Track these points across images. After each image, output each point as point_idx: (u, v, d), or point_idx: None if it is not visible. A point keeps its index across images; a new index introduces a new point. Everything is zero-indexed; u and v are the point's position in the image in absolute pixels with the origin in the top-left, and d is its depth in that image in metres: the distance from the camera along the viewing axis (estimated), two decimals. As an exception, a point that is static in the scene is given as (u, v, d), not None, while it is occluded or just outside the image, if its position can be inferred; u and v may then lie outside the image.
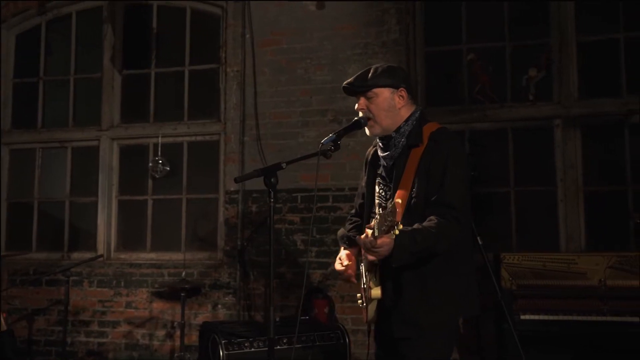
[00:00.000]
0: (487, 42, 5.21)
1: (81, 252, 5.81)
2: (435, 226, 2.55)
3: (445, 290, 2.67)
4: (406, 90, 2.80)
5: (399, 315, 2.70)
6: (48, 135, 6.06)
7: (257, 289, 5.27)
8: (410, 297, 2.66)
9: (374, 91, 2.78)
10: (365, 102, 2.81)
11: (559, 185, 4.91)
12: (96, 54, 5.96)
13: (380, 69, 2.81)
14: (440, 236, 2.55)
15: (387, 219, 2.35)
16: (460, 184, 2.67)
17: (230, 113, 5.49)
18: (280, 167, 2.61)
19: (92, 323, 5.58)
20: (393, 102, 2.79)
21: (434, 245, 2.56)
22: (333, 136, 2.73)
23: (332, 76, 5.29)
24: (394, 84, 2.79)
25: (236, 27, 5.54)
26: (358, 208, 3.15)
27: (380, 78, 2.77)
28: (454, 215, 2.59)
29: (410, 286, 2.67)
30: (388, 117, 2.79)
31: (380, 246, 2.46)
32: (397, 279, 2.69)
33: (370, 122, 2.81)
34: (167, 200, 5.76)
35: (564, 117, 4.93)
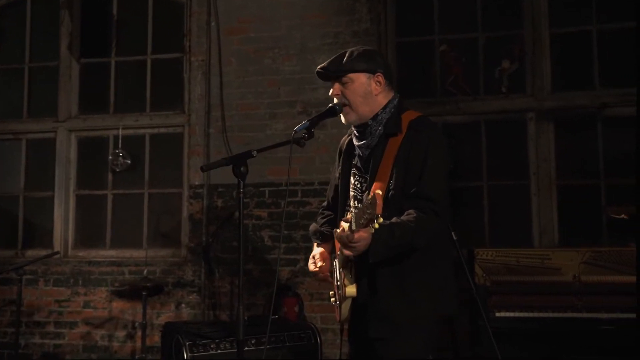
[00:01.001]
0: (459, 33, 5.11)
1: (36, 250, 5.52)
2: (414, 220, 2.42)
3: (423, 286, 2.53)
4: (383, 76, 2.64)
5: (375, 313, 2.54)
6: (1, 127, 5.74)
7: (222, 287, 5.06)
8: (387, 294, 2.51)
9: (349, 76, 2.61)
10: (340, 88, 2.64)
11: (532, 179, 4.84)
12: (53, 41, 5.67)
13: (356, 52, 2.65)
14: (419, 230, 2.42)
15: (367, 212, 2.20)
16: (440, 176, 2.54)
17: (195, 104, 5.27)
18: (251, 155, 2.42)
19: (47, 324, 5.30)
20: (369, 88, 2.63)
21: (412, 239, 2.43)
22: (306, 123, 2.56)
23: (301, 66, 5.12)
24: (370, 68, 2.63)
25: (201, 14, 5.33)
26: (331, 201, 2.98)
27: (356, 62, 2.61)
28: (433, 209, 2.46)
29: (386, 282, 2.52)
30: (364, 103, 2.63)
31: (358, 241, 2.31)
32: (373, 275, 2.54)
33: (346, 108, 2.64)
34: (128, 195, 5.51)
35: (537, 110, 4.85)
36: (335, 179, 2.90)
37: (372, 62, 2.64)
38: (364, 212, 2.21)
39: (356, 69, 2.60)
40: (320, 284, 4.89)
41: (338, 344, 4.80)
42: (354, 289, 2.53)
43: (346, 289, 2.53)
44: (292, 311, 4.46)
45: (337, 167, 2.90)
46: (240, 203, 2.42)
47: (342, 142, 2.90)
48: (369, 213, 2.18)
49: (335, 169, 2.93)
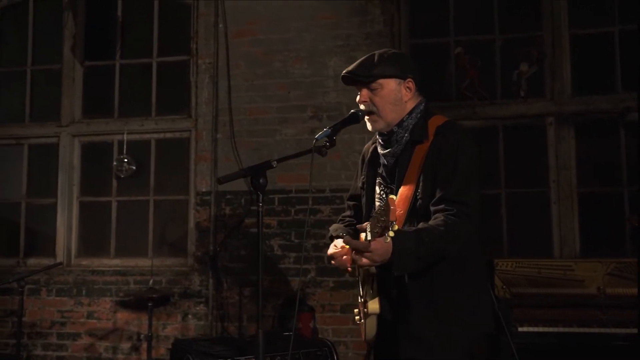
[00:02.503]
0: (475, 35, 4.94)
1: (38, 258, 5.36)
2: (443, 224, 2.22)
3: (456, 302, 2.35)
4: (414, 81, 2.47)
5: (404, 332, 2.37)
6: (2, 132, 5.58)
7: (230, 297, 4.89)
8: (416, 311, 2.34)
9: (379, 82, 2.44)
10: (368, 94, 2.47)
11: (551, 187, 4.66)
12: (56, 43, 5.51)
13: (386, 56, 2.48)
14: (450, 235, 2.22)
15: (380, 219, 2.01)
16: (470, 179, 2.36)
17: (202, 108, 5.11)
18: (271, 166, 2.26)
19: (50, 335, 5.14)
20: (399, 94, 2.46)
21: (444, 246, 2.23)
22: (328, 131, 2.40)
23: (311, 69, 4.96)
24: (401, 73, 2.46)
25: (208, 16, 5.16)
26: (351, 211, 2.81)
27: (386, 67, 2.43)
28: (465, 212, 2.26)
29: (415, 298, 2.34)
30: (393, 111, 2.46)
31: (373, 251, 2.12)
32: (398, 289, 2.36)
33: (373, 116, 2.47)
34: (133, 201, 5.35)
35: (557, 115, 4.68)
36: (358, 188, 2.73)
37: (402, 66, 2.47)
38: (378, 219, 2.04)
39: (387, 75, 2.43)
40: (331, 295, 4.75)
41: (351, 357, 4.65)
42: (377, 305, 2.36)
43: (369, 305, 2.36)
44: (307, 327, 4.29)
45: (359, 177, 2.73)
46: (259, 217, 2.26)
47: (365, 150, 2.73)
48: (383, 220, 2.00)
49: (357, 178, 2.76)
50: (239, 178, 2.30)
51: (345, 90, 4.87)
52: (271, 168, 2.28)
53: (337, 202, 4.81)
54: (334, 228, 2.77)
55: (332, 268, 4.71)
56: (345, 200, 4.72)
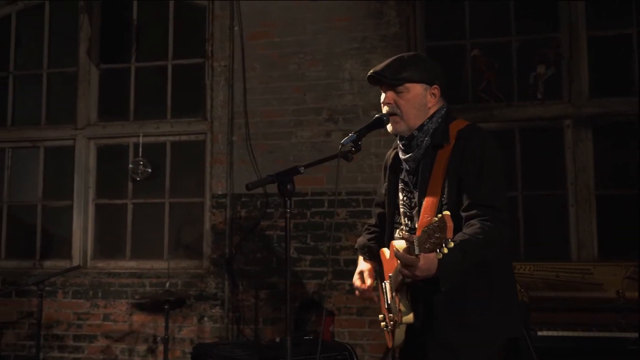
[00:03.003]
0: (492, 37, 4.92)
1: (54, 261, 5.40)
2: (480, 232, 2.20)
3: (485, 308, 2.33)
4: (439, 88, 2.46)
5: (432, 338, 2.35)
6: (19, 134, 5.61)
7: (246, 300, 4.89)
8: (445, 318, 2.32)
9: (405, 86, 2.42)
10: (393, 97, 2.45)
11: (569, 189, 4.63)
12: (71, 46, 5.54)
13: (415, 59, 2.47)
14: (489, 243, 2.20)
15: (434, 235, 1.98)
16: (499, 183, 2.34)
17: (218, 111, 5.11)
18: (298, 172, 2.25)
19: (66, 337, 5.16)
20: (424, 100, 2.45)
21: (484, 254, 2.21)
22: (353, 136, 2.38)
23: (327, 72, 4.95)
24: (428, 79, 2.44)
25: (224, 18, 5.17)
26: (377, 219, 2.80)
27: (414, 71, 2.42)
28: (498, 217, 2.24)
29: (443, 304, 2.32)
30: (417, 116, 2.44)
31: (420, 267, 2.10)
32: (430, 298, 2.34)
33: (396, 118, 2.45)
34: (149, 204, 5.36)
35: (574, 117, 4.65)
36: (382, 195, 2.72)
37: (430, 72, 2.45)
38: (431, 235, 2.00)
39: (414, 79, 2.42)
40: (347, 298, 4.74)
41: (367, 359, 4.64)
42: (411, 315, 2.35)
43: (402, 317, 2.34)
44: (328, 331, 4.27)
45: (382, 183, 2.71)
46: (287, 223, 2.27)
47: (387, 156, 2.72)
48: (437, 237, 1.97)
49: (381, 184, 2.75)
50: (267, 184, 2.30)
51: (361, 93, 4.88)
52: (298, 174, 2.27)
53: (353, 204, 4.80)
54: (360, 244, 2.78)
55: (349, 271, 4.75)
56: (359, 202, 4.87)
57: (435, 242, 1.98)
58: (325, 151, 4.87)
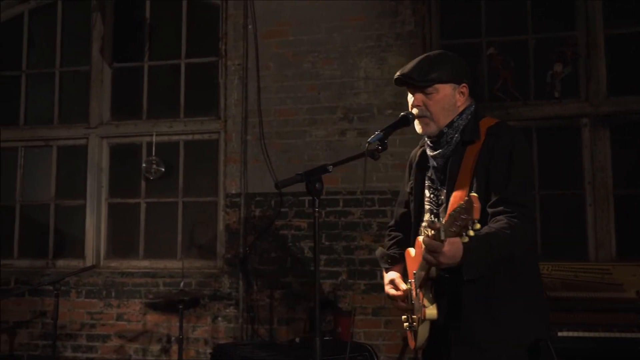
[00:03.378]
0: (508, 36, 4.88)
1: (67, 260, 5.38)
2: (507, 227, 2.17)
3: (512, 305, 2.29)
4: (467, 86, 2.44)
5: (457, 336, 2.32)
6: (31, 133, 5.60)
7: (261, 300, 4.87)
8: (471, 315, 2.29)
9: (434, 87, 2.39)
10: (422, 98, 2.42)
11: (587, 189, 4.59)
12: (84, 45, 5.52)
13: (442, 59, 2.44)
14: (516, 238, 2.17)
15: (460, 217, 1.93)
16: (527, 181, 2.33)
17: (231, 110, 5.09)
18: (326, 170, 2.22)
19: (79, 337, 5.14)
20: (454, 99, 2.42)
21: (511, 250, 2.18)
22: (380, 134, 2.34)
23: (341, 70, 4.93)
24: (456, 78, 2.42)
25: (237, 17, 5.14)
26: (399, 218, 2.77)
27: (442, 71, 2.39)
28: (526, 214, 2.22)
29: (469, 302, 2.29)
30: (446, 116, 2.42)
31: (445, 252, 2.06)
32: (455, 293, 2.31)
33: (425, 119, 2.43)
34: (162, 203, 5.34)
35: (592, 116, 4.61)
36: (406, 194, 2.69)
37: (458, 71, 2.43)
38: (457, 217, 1.95)
39: (443, 80, 2.39)
40: (363, 298, 4.71)
41: None
42: (435, 310, 2.31)
43: (426, 311, 2.31)
44: (347, 331, 4.24)
45: (407, 182, 2.69)
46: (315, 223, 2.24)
47: (412, 154, 2.69)
48: (463, 219, 1.92)
49: (405, 183, 2.72)
50: (295, 183, 2.26)
51: (376, 92, 4.86)
52: (327, 172, 2.24)
53: (368, 204, 4.77)
54: (379, 254, 2.76)
55: (364, 270, 4.74)
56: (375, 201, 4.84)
57: (461, 225, 1.94)
58: (340, 150, 4.85)
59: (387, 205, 4.74)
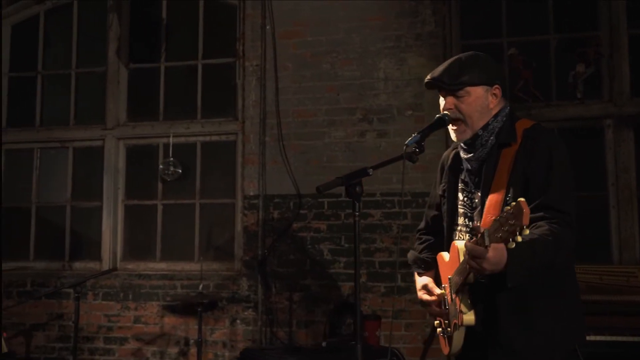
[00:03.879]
0: (529, 36, 4.83)
1: (84, 262, 5.36)
2: (549, 233, 2.12)
3: (550, 312, 2.25)
4: (500, 88, 2.39)
5: (494, 343, 2.27)
6: (47, 135, 5.57)
7: (280, 302, 4.83)
8: (508, 321, 2.24)
9: (466, 90, 2.34)
10: (454, 102, 2.37)
11: (610, 190, 4.54)
12: (100, 46, 5.50)
13: (473, 61, 2.39)
14: (558, 246, 2.13)
15: (508, 222, 1.88)
16: (568, 186, 2.27)
17: (249, 111, 5.05)
18: (367, 174, 2.18)
19: (97, 339, 5.11)
20: (487, 101, 2.37)
21: (553, 258, 2.14)
22: (417, 136, 2.29)
23: (360, 71, 4.89)
24: (488, 80, 2.36)
25: (255, 17, 5.11)
26: (430, 221, 2.72)
27: (474, 74, 2.34)
28: (567, 221, 2.18)
29: (507, 307, 2.24)
30: (480, 118, 2.37)
31: (490, 258, 2.02)
32: (492, 299, 2.26)
33: (460, 125, 2.37)
34: (179, 205, 5.31)
35: (615, 117, 4.56)
36: (437, 196, 2.65)
37: (489, 73, 2.38)
38: (504, 222, 1.90)
39: (475, 82, 2.34)
40: (383, 301, 4.67)
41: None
42: (473, 316, 2.26)
43: (464, 317, 2.26)
44: (374, 336, 4.20)
45: (438, 184, 2.64)
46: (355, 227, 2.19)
47: (444, 156, 2.65)
48: (512, 224, 1.87)
49: (436, 186, 2.67)
50: (336, 186, 2.22)
51: (395, 92, 4.81)
52: (367, 175, 2.20)
53: (387, 205, 4.73)
54: (412, 258, 2.71)
55: (383, 273, 4.70)
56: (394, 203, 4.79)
57: (508, 230, 1.89)
58: (360, 152, 4.81)
59: (407, 207, 4.70)
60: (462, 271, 2.26)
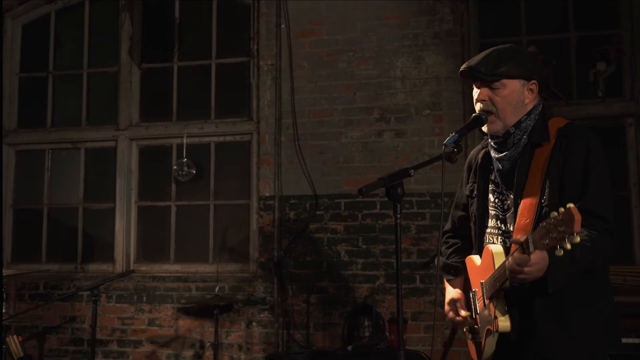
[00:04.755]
0: (549, 34, 4.77)
1: (97, 264, 5.30)
2: (588, 239, 2.07)
3: (587, 319, 2.20)
4: (537, 83, 2.33)
5: (530, 350, 2.21)
6: (59, 135, 5.51)
7: (296, 305, 4.77)
8: (545, 328, 2.19)
9: (502, 82, 2.28)
10: (488, 93, 2.31)
11: (632, 190, 4.48)
12: (112, 46, 5.43)
13: (512, 53, 2.33)
14: (597, 251, 2.09)
15: (558, 229, 1.82)
16: (606, 189, 2.22)
17: (264, 111, 4.99)
18: (408, 174, 2.11)
19: (110, 342, 5.05)
20: (522, 96, 2.31)
21: (592, 263, 2.10)
22: (455, 136, 2.23)
23: (377, 70, 4.82)
24: (526, 74, 2.30)
25: (270, 16, 5.04)
26: (457, 223, 2.65)
27: (512, 66, 2.28)
28: (606, 227, 2.13)
29: (544, 314, 2.19)
30: (513, 113, 2.31)
31: (532, 266, 1.99)
32: (525, 304, 2.21)
33: (492, 117, 2.31)
34: (193, 206, 5.24)
35: (637, 115, 4.50)
36: (464, 197, 2.58)
37: (527, 66, 2.32)
38: (552, 229, 1.85)
39: (512, 75, 2.28)
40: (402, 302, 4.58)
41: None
42: (508, 322, 2.21)
43: (499, 323, 2.20)
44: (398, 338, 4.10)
45: (465, 184, 2.57)
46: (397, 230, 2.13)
47: (472, 155, 2.58)
48: (561, 231, 1.82)
49: (463, 186, 2.60)
50: (378, 187, 2.16)
51: (413, 91, 4.75)
52: (409, 177, 2.13)
53: (406, 206, 4.66)
54: (442, 265, 2.64)
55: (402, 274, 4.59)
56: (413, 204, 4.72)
57: (556, 237, 1.84)
58: (377, 152, 4.75)
59: (425, 207, 4.64)
60: (497, 277, 2.20)
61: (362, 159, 4.77)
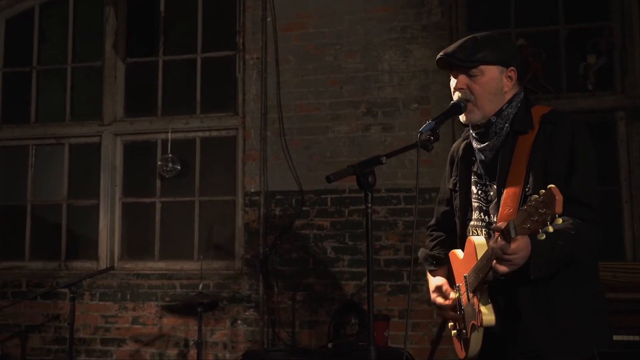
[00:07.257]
0: (538, 26, 4.69)
1: (81, 261, 5.22)
2: (572, 228, 1.99)
3: (575, 315, 2.10)
4: (516, 70, 2.24)
5: (516, 346, 2.13)
6: (42, 131, 5.43)
7: (282, 302, 4.69)
8: (531, 323, 2.09)
9: (480, 68, 2.20)
10: (466, 81, 2.22)
11: (623, 185, 4.40)
12: (97, 40, 5.35)
13: (489, 39, 2.25)
14: (581, 241, 2.01)
15: (538, 211, 1.75)
16: (592, 178, 2.13)
17: (250, 105, 4.91)
18: (380, 162, 2.01)
19: (93, 341, 4.97)
20: (500, 83, 2.22)
21: (575, 251, 2.01)
22: (431, 123, 2.14)
23: (365, 64, 4.74)
24: (504, 60, 2.22)
25: (256, 9, 4.97)
26: (440, 218, 2.57)
27: (489, 52, 2.19)
28: (592, 217, 2.04)
29: (530, 308, 2.10)
30: (492, 101, 2.22)
31: (515, 252, 1.90)
32: (513, 298, 2.12)
33: (470, 105, 2.23)
34: (178, 202, 5.17)
35: (628, 109, 4.42)
36: (447, 191, 2.50)
37: (506, 52, 2.23)
38: (533, 212, 1.77)
39: (489, 61, 2.19)
40: (389, 300, 4.53)
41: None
42: (493, 316, 2.12)
43: (483, 317, 2.11)
44: (382, 336, 4.05)
45: (449, 178, 2.49)
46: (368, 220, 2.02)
47: (453, 148, 2.49)
48: (542, 213, 1.74)
49: (446, 180, 2.51)
50: (347, 175, 2.05)
51: (401, 85, 4.68)
52: (381, 164, 2.04)
53: (393, 202, 4.59)
54: (423, 256, 2.56)
55: (389, 272, 4.55)
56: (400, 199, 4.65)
57: (538, 220, 1.76)
58: (364, 146, 4.67)
59: (413, 203, 4.56)
60: (480, 269, 2.11)
61: (349, 154, 4.68)
